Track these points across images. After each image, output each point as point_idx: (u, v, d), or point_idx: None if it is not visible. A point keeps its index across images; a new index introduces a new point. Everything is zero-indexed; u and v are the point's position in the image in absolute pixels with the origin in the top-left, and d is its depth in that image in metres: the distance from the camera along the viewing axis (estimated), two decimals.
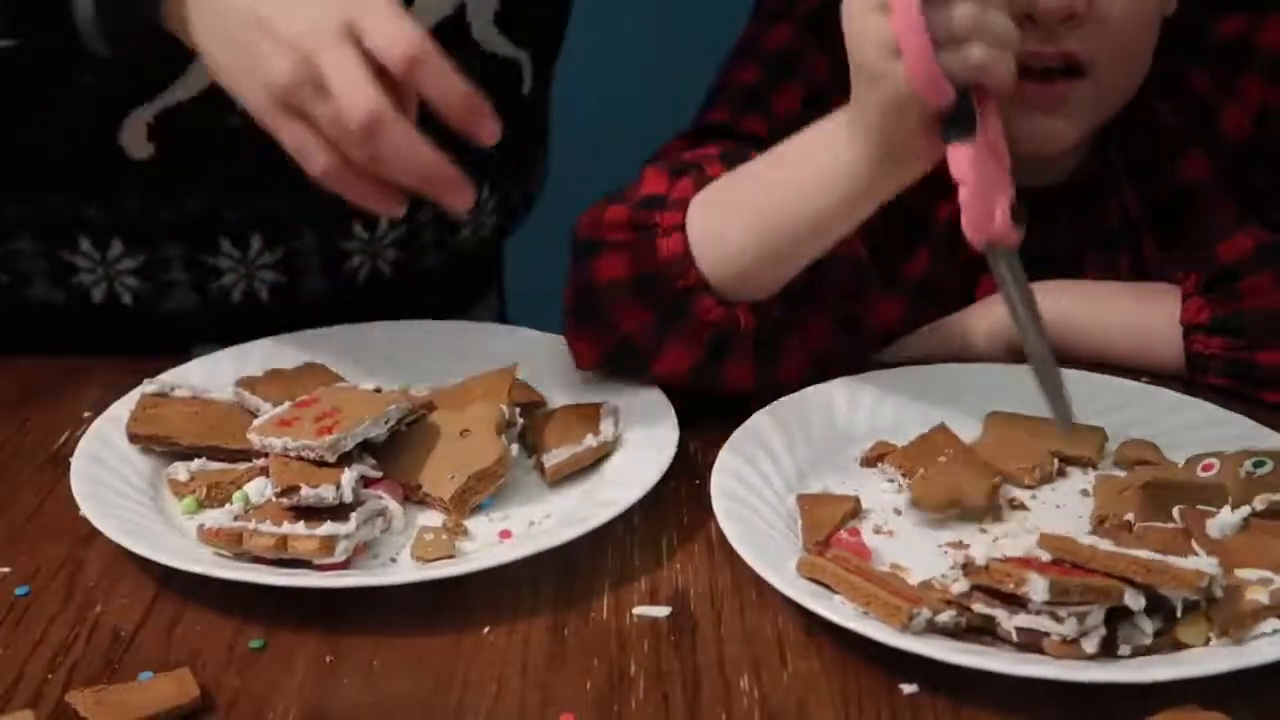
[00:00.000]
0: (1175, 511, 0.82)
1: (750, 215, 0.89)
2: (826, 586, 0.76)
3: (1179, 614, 0.72)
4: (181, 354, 1.02)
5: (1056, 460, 0.89)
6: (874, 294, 0.98)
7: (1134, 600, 0.71)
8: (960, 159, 0.78)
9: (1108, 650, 0.72)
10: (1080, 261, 1.06)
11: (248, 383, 0.94)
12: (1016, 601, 0.72)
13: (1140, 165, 1.06)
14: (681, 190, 0.92)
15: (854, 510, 0.85)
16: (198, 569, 0.77)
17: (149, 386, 0.94)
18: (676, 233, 0.90)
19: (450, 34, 1.06)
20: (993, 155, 0.78)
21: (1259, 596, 0.73)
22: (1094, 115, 1.01)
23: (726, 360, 0.91)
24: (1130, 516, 0.82)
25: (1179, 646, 0.72)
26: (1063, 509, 0.86)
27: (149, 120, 1.02)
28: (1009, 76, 0.79)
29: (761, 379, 0.93)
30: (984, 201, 0.78)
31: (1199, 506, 0.82)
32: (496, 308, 1.30)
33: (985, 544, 0.75)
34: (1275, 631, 0.72)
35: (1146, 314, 0.99)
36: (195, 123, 1.02)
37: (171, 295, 1.08)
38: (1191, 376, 0.97)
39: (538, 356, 0.99)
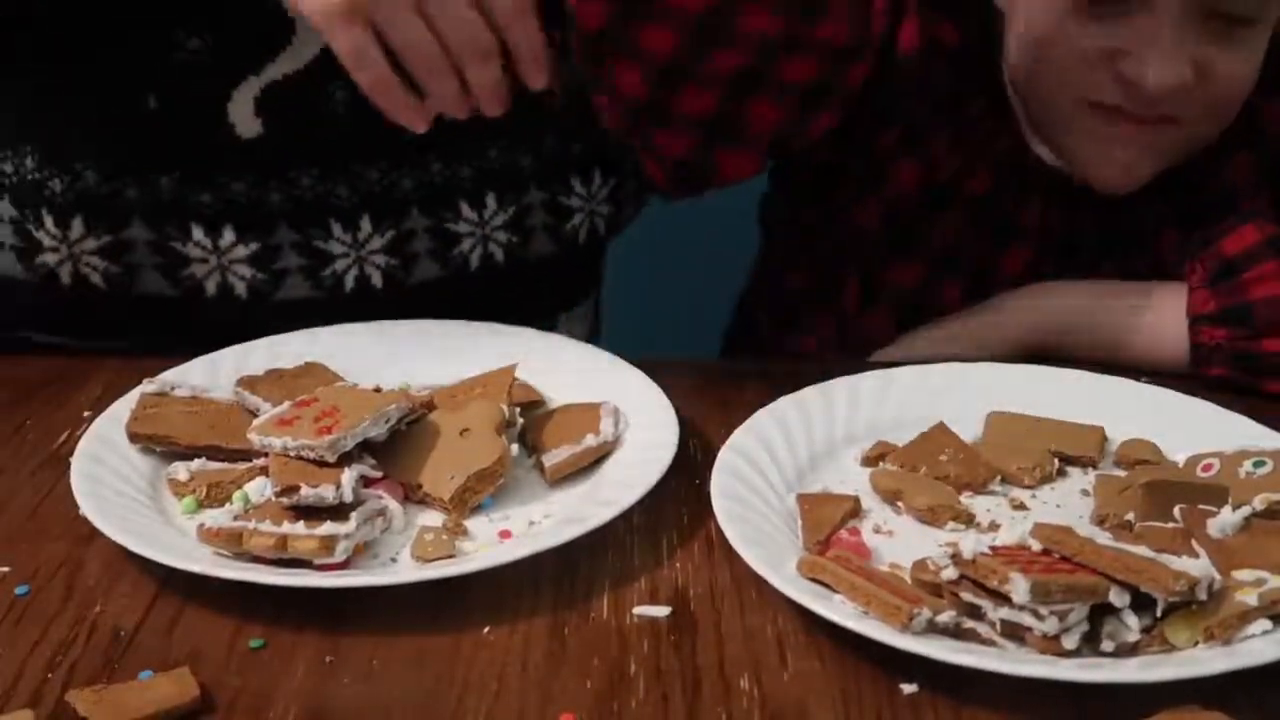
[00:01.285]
0: (1176, 511, 0.82)
1: None
2: (827, 586, 0.76)
3: (1159, 613, 0.73)
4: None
5: (1056, 460, 0.89)
6: (763, 95, 0.96)
7: (1119, 597, 0.72)
8: None
9: (1090, 647, 0.72)
10: (1099, 262, 1.06)
11: (248, 382, 0.94)
12: (1000, 595, 0.72)
13: (1181, 172, 1.06)
14: None
15: (854, 510, 0.85)
16: (198, 569, 0.77)
17: (149, 386, 0.94)
18: None
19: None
20: None
21: (1248, 598, 0.73)
22: (1175, 158, 1.02)
23: None
24: (1131, 516, 0.82)
25: (1166, 646, 0.72)
26: (1063, 509, 0.86)
27: (256, 94, 1.01)
28: None
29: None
30: None
31: (1200, 506, 0.82)
32: (593, 314, 1.27)
33: (973, 538, 0.75)
34: (1266, 632, 0.73)
35: (1153, 309, 1.00)
36: (302, 97, 1.01)
37: (285, 284, 1.07)
38: (1194, 369, 0.98)
39: (538, 356, 0.99)
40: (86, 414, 0.95)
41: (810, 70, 0.94)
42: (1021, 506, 0.86)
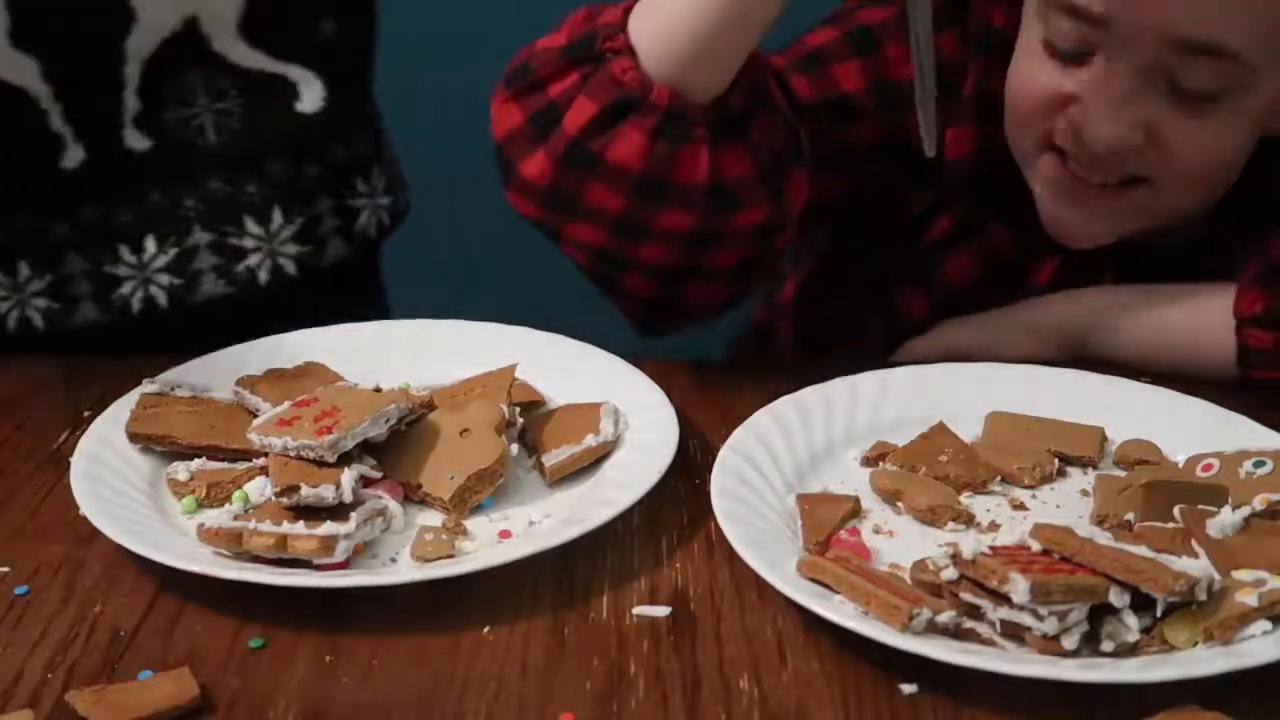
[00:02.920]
0: (1176, 511, 0.82)
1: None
2: (827, 586, 0.76)
3: (1159, 613, 0.73)
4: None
5: (1056, 460, 0.89)
6: (798, 167, 0.98)
7: (1118, 597, 0.72)
8: None
9: (1090, 647, 0.72)
10: None
11: (248, 382, 0.94)
12: (1000, 595, 0.72)
13: (1251, 225, 1.02)
14: None
15: (854, 510, 0.85)
16: (197, 569, 0.77)
17: (149, 386, 0.94)
18: (618, 6, 0.92)
19: (185, 47, 1.06)
20: None
21: (1248, 599, 0.73)
22: (1150, 221, 1.00)
23: (623, 124, 0.91)
24: (1130, 516, 0.82)
25: (1165, 646, 0.72)
26: (1063, 509, 0.86)
27: None
28: None
29: (652, 159, 0.91)
30: None
31: (1200, 506, 0.82)
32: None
33: (973, 538, 0.75)
34: (1266, 633, 0.72)
35: (1198, 309, 0.98)
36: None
37: (79, 311, 1.09)
38: (1241, 372, 0.96)
39: (538, 356, 0.99)
40: (86, 414, 0.95)
41: (735, 255, 0.97)
42: (1021, 507, 0.86)
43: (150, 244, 1.10)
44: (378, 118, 1.25)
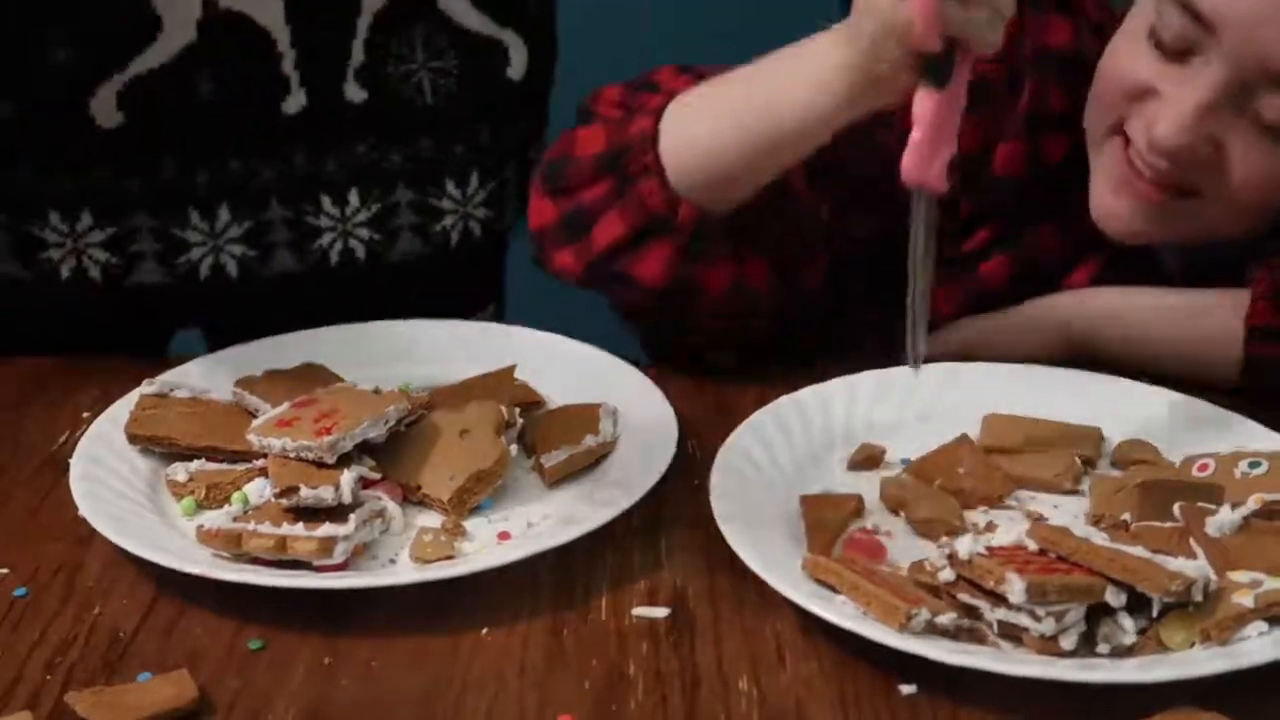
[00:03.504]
0: (1176, 509, 0.82)
1: (719, 115, 0.92)
2: (830, 587, 0.76)
3: (1155, 614, 0.73)
4: (156, 332, 1.01)
5: (1078, 459, 0.89)
6: (818, 253, 1.00)
7: (1115, 598, 0.72)
8: (925, 103, 0.82)
9: (1088, 648, 0.72)
10: None
11: (247, 383, 0.94)
12: (998, 596, 0.72)
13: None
14: (681, 84, 0.96)
15: (857, 509, 0.85)
16: (197, 570, 0.77)
17: (149, 387, 0.94)
18: (650, 116, 0.94)
19: (411, 7, 1.07)
20: (953, 109, 0.83)
21: (1244, 600, 0.73)
22: (1189, 235, 0.98)
23: (650, 245, 0.94)
24: (1126, 516, 0.82)
25: (1161, 648, 0.72)
26: (1060, 509, 0.86)
27: (119, 89, 1.02)
28: (995, 44, 0.82)
29: (675, 277, 0.95)
30: (933, 148, 0.82)
31: (1199, 505, 0.82)
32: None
33: (970, 539, 0.75)
34: (1262, 634, 0.72)
35: (1206, 317, 0.97)
36: (165, 89, 1.02)
37: (139, 269, 1.08)
38: (1247, 382, 0.95)
39: (537, 356, 0.99)
40: (86, 415, 0.95)
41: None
42: (1040, 519, 0.85)
43: (353, 197, 1.10)
44: None
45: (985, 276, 1.07)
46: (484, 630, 0.77)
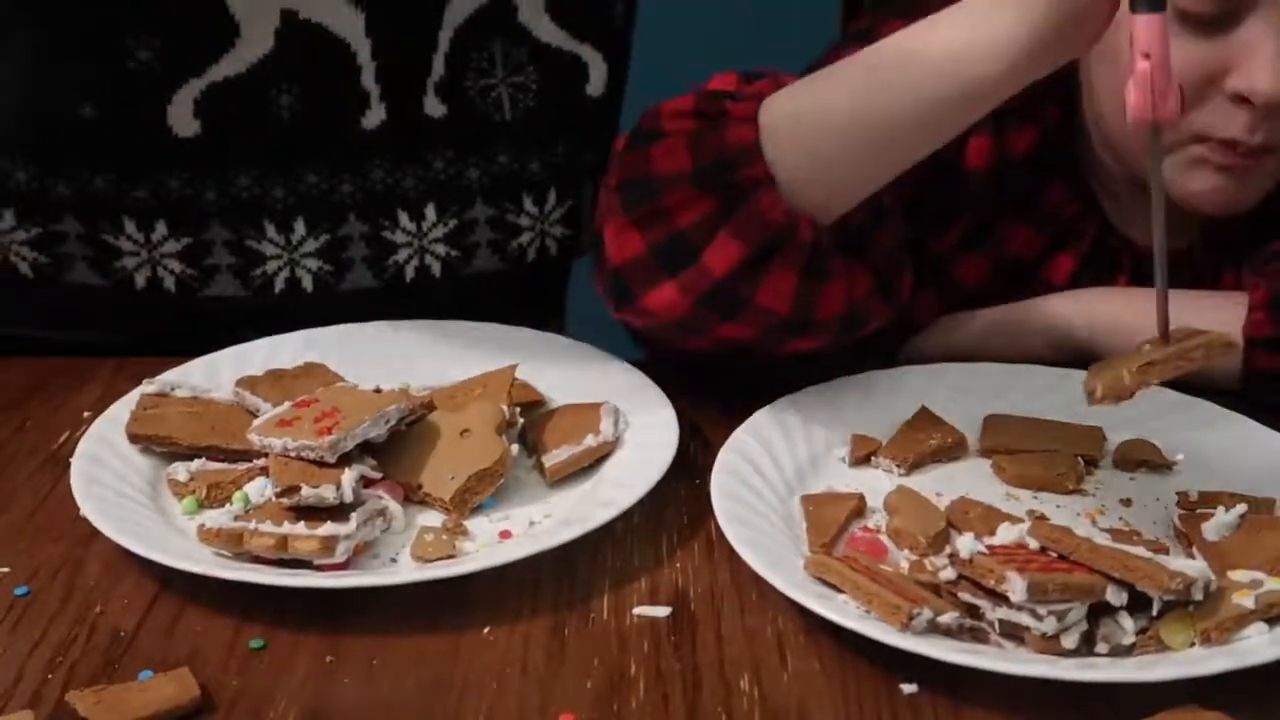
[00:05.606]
0: (1175, 516, 0.82)
1: (842, 110, 0.86)
2: (833, 586, 0.76)
3: (1155, 613, 0.73)
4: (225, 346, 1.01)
5: (1079, 458, 0.89)
6: (908, 264, 0.97)
7: (1115, 596, 0.72)
8: (1149, 29, 0.75)
9: (1089, 647, 0.72)
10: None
11: (248, 383, 0.94)
12: (999, 595, 0.72)
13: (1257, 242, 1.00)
14: (757, 88, 0.90)
15: (859, 508, 0.85)
16: (198, 569, 0.77)
17: (149, 386, 0.94)
18: (747, 124, 0.87)
19: (493, 16, 1.05)
20: (1168, 32, 0.76)
21: (1244, 601, 0.73)
22: (1262, 191, 0.98)
23: (773, 266, 0.87)
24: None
25: (1161, 648, 0.72)
26: (1062, 509, 0.86)
27: (196, 96, 1.01)
28: None
29: (799, 302, 0.88)
30: (1164, 77, 0.75)
31: (1197, 511, 0.82)
32: None
33: (971, 538, 0.75)
34: (1263, 634, 0.72)
35: (1204, 324, 0.97)
36: (242, 100, 1.02)
37: (215, 281, 1.08)
38: (1246, 394, 0.94)
39: (538, 356, 0.99)
40: (86, 414, 0.95)
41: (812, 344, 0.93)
42: (1043, 519, 0.84)
43: (430, 212, 1.09)
44: None
45: (964, 278, 1.07)
46: (485, 629, 0.77)
